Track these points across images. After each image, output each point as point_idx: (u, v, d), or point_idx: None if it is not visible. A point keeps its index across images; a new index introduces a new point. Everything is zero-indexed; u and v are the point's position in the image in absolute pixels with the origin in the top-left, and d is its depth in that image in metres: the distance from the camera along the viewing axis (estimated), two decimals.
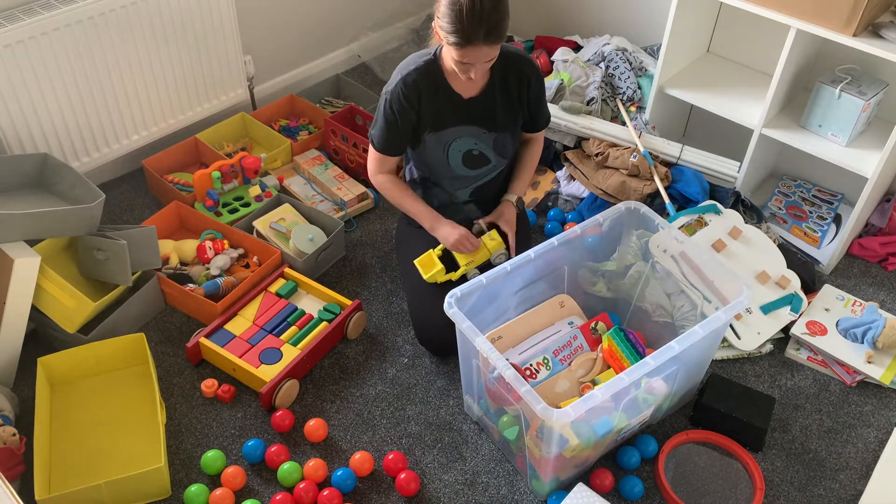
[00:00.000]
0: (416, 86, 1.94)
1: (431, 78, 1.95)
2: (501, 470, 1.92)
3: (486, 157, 2.06)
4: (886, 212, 2.56)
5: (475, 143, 2.03)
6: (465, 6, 1.71)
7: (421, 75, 1.94)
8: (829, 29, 2.14)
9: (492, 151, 2.05)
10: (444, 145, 2.03)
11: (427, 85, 1.95)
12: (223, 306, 2.16)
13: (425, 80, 1.94)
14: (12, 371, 2.01)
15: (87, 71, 2.32)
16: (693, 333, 1.73)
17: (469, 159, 2.05)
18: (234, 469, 1.84)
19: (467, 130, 2.01)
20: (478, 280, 1.84)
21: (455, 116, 1.99)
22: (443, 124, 2.00)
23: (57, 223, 2.01)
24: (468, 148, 2.03)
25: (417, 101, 1.95)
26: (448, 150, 2.03)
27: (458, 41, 1.75)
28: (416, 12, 3.44)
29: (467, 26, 1.72)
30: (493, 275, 1.86)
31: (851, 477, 1.94)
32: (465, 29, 1.73)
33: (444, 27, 1.77)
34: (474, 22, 1.72)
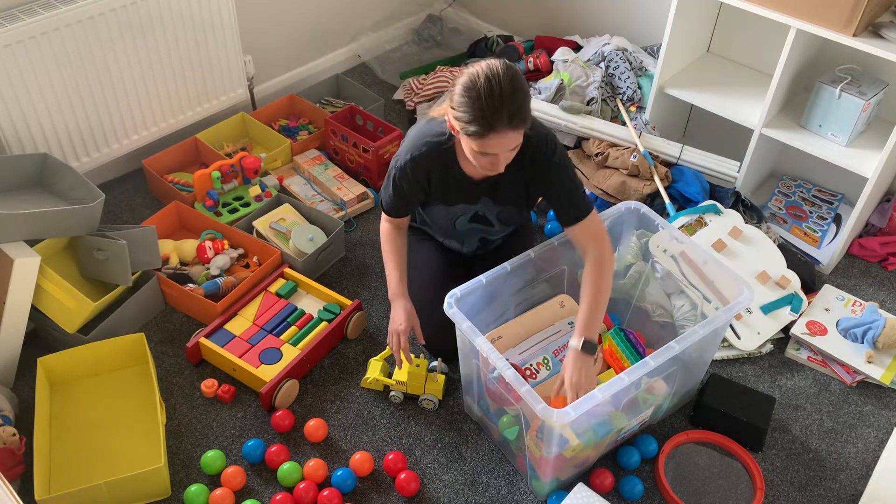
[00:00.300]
0: (425, 166, 1.85)
1: (442, 159, 1.85)
2: (501, 470, 1.92)
3: (490, 221, 2.01)
4: (886, 212, 2.56)
5: (480, 207, 1.97)
6: (483, 90, 1.59)
7: (431, 155, 1.84)
8: (829, 29, 2.14)
9: (495, 219, 1.99)
10: (452, 217, 1.99)
11: (437, 166, 1.86)
12: (223, 306, 2.16)
13: (435, 160, 1.85)
14: (12, 371, 2.01)
15: (87, 71, 2.32)
16: (693, 333, 1.74)
17: (476, 218, 2.00)
18: (234, 469, 1.84)
19: (475, 206, 1.96)
20: (477, 280, 1.84)
21: (463, 196, 1.93)
22: (451, 201, 1.95)
23: (57, 223, 2.01)
24: (474, 211, 1.98)
25: (426, 180, 1.88)
26: (455, 220, 2.00)
27: (480, 130, 1.61)
28: (416, 12, 3.44)
29: (488, 112, 1.59)
30: (493, 275, 1.86)
31: (851, 477, 1.94)
32: (486, 116, 1.59)
33: (461, 117, 1.63)
34: (495, 106, 1.59)
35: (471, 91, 1.61)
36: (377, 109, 2.90)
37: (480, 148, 1.66)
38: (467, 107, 1.61)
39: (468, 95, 1.61)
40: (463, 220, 2.01)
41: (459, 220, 2.01)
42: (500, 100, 1.59)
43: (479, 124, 1.61)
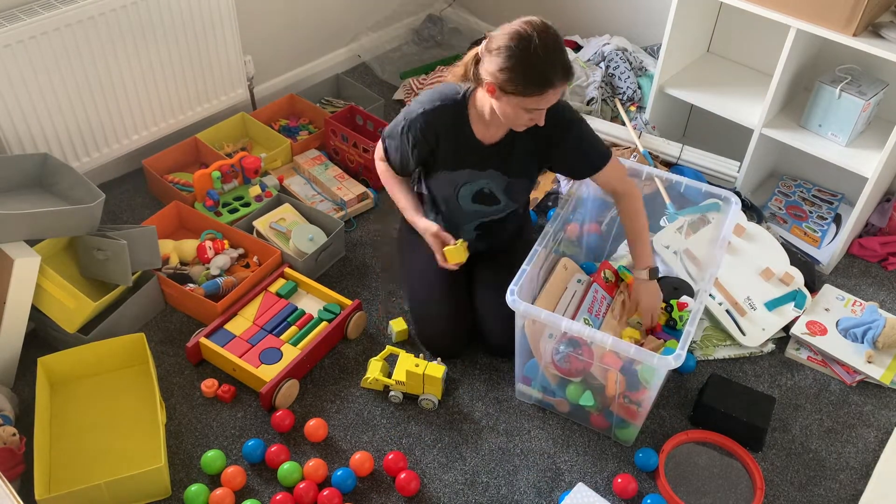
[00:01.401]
0: (436, 123, 1.87)
1: (455, 119, 1.87)
2: (501, 470, 1.92)
3: (496, 198, 1.99)
4: (886, 212, 2.56)
5: (487, 182, 1.96)
6: (538, 49, 1.61)
7: (445, 114, 1.86)
8: (829, 29, 2.14)
9: (503, 194, 1.98)
10: (456, 185, 1.97)
11: (448, 125, 1.87)
12: (223, 306, 2.16)
13: (447, 120, 1.87)
14: (12, 371, 2.01)
15: (87, 71, 2.32)
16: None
17: (480, 197, 1.99)
18: (234, 469, 1.84)
19: (486, 174, 1.94)
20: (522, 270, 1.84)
21: (472, 160, 1.92)
22: (458, 165, 1.93)
23: (57, 223, 2.01)
24: (479, 188, 1.98)
25: (435, 138, 1.89)
26: (459, 190, 1.98)
27: (538, 87, 1.64)
28: (416, 12, 3.44)
29: (548, 68, 1.63)
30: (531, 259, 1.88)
31: (851, 477, 1.94)
32: (545, 72, 1.63)
33: (514, 79, 1.64)
34: (553, 61, 1.63)
35: (525, 50, 1.62)
36: (377, 109, 2.90)
37: (535, 104, 1.69)
38: (523, 66, 1.63)
39: (522, 56, 1.62)
40: (466, 196, 1.98)
41: (462, 194, 1.98)
42: (556, 55, 1.64)
43: (539, 80, 1.64)
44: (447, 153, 1.91)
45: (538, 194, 2.65)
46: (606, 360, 1.81)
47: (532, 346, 1.90)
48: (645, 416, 1.92)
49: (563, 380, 1.93)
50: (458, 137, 1.89)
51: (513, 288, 1.79)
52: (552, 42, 1.64)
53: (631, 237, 2.00)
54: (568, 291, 2.08)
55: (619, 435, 1.97)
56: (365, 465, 1.87)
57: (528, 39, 1.62)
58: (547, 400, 2.02)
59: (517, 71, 1.64)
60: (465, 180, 1.96)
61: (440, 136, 1.89)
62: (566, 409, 2.01)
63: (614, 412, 1.91)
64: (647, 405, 1.88)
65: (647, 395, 1.85)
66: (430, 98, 1.88)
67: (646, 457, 1.91)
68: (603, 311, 2.08)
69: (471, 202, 2.00)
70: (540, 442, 1.98)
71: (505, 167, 1.93)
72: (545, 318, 1.76)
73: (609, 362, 1.81)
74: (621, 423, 1.94)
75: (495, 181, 1.95)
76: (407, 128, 1.89)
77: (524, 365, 1.98)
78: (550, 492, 1.88)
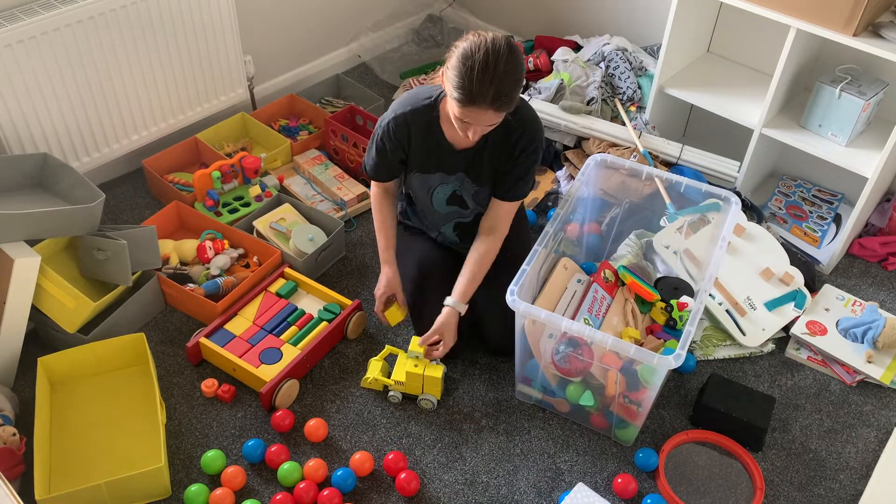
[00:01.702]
0: (406, 125, 1.90)
1: (425, 121, 1.90)
2: (501, 470, 1.92)
3: (466, 203, 2.04)
4: (886, 212, 2.56)
5: (459, 186, 2.00)
6: (479, 65, 1.61)
7: (415, 116, 1.89)
8: (829, 29, 2.14)
9: (471, 200, 2.03)
10: (429, 188, 2.02)
11: (419, 127, 1.90)
12: (223, 306, 2.16)
13: (418, 122, 1.90)
14: (12, 371, 2.01)
15: (87, 71, 2.32)
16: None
17: (453, 199, 2.04)
18: (234, 469, 1.84)
19: (457, 178, 1.98)
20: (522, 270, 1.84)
21: (442, 164, 1.96)
22: (429, 168, 1.97)
23: (57, 223, 2.01)
24: (453, 190, 2.01)
25: (407, 140, 1.92)
26: (432, 193, 2.03)
27: (462, 98, 1.65)
28: (416, 12, 3.44)
29: (475, 86, 1.63)
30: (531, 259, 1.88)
31: (851, 477, 1.94)
32: (472, 88, 1.63)
33: (451, 80, 1.67)
34: (484, 83, 1.62)
35: (467, 60, 1.63)
36: (377, 109, 2.90)
37: (460, 115, 1.71)
38: (459, 73, 1.65)
39: (463, 63, 1.64)
40: (440, 199, 2.03)
41: (437, 197, 2.02)
42: (491, 79, 1.63)
43: (464, 94, 1.65)
44: (419, 155, 1.95)
45: (538, 194, 2.65)
46: (606, 360, 1.82)
47: (532, 346, 1.90)
48: (645, 416, 1.92)
49: (563, 380, 1.93)
50: (429, 140, 1.92)
51: (513, 288, 1.79)
52: (494, 63, 1.62)
53: (469, 272, 1.97)
54: (568, 291, 2.08)
55: (619, 435, 1.97)
56: (365, 465, 1.87)
57: (473, 52, 1.63)
58: (547, 400, 2.03)
59: (453, 77, 1.66)
60: (438, 182, 2.00)
61: (412, 138, 1.92)
62: (566, 409, 2.01)
63: (614, 412, 1.91)
64: (648, 405, 1.88)
65: (647, 394, 1.85)
66: (402, 102, 1.92)
67: (646, 457, 1.91)
68: (603, 311, 2.08)
69: (445, 205, 2.05)
70: (540, 442, 1.98)
71: (473, 174, 1.96)
72: (545, 318, 1.77)
73: (609, 362, 1.82)
74: (621, 423, 1.94)
75: (465, 187, 1.99)
76: (382, 134, 1.94)
77: (524, 365, 1.98)
78: (550, 492, 1.88)
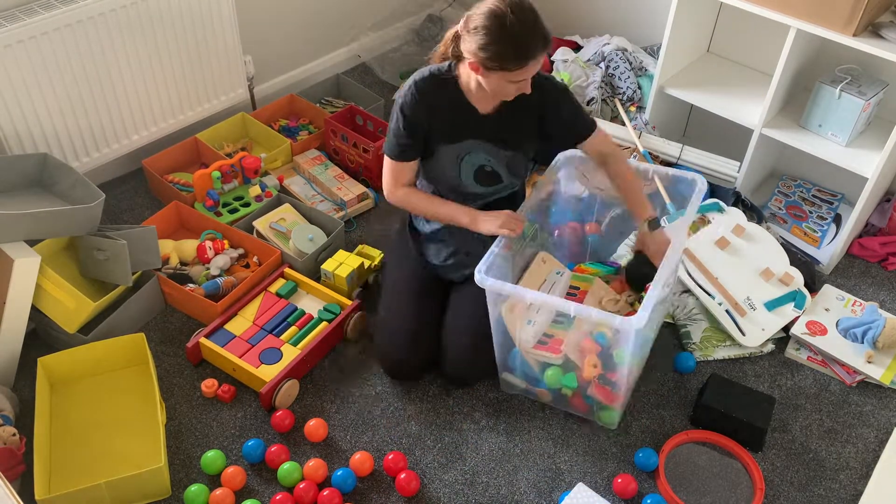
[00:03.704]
0: (428, 94, 1.89)
1: (445, 89, 1.89)
2: (501, 470, 1.92)
3: (499, 175, 2.00)
4: (886, 212, 2.56)
5: (488, 159, 1.96)
6: (514, 23, 1.66)
7: (435, 85, 1.89)
8: (829, 29, 2.14)
9: (504, 169, 1.99)
10: (458, 158, 1.96)
11: (440, 95, 1.89)
12: (223, 306, 2.16)
13: (439, 90, 1.89)
14: (12, 371, 2.01)
15: (87, 71, 2.32)
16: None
17: (481, 175, 1.99)
18: (234, 469, 1.84)
19: (481, 146, 1.95)
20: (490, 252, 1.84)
21: (469, 130, 1.93)
22: (457, 136, 1.94)
23: (57, 223, 2.01)
24: (481, 163, 1.97)
25: (429, 109, 1.90)
26: (461, 164, 1.97)
27: (519, 60, 1.69)
28: (416, 12, 3.44)
29: (525, 41, 1.68)
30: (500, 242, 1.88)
31: (851, 477, 1.94)
32: (522, 47, 1.68)
33: (494, 55, 1.69)
34: (529, 35, 1.68)
35: (502, 28, 1.66)
36: (377, 109, 2.90)
37: (518, 77, 1.73)
38: (499, 41, 1.67)
39: (500, 32, 1.67)
40: (468, 171, 1.97)
41: (465, 169, 1.97)
42: (533, 27, 1.69)
43: (518, 55, 1.68)
44: (443, 124, 1.93)
45: None
46: (585, 344, 1.83)
47: (512, 333, 1.90)
48: (623, 400, 1.94)
49: (544, 364, 1.93)
50: (452, 107, 1.92)
51: (481, 267, 1.79)
52: (527, 15, 1.68)
53: (626, 194, 2.03)
54: (546, 284, 2.08)
55: (602, 417, 1.98)
56: (365, 465, 1.87)
57: (503, 17, 1.67)
58: (531, 389, 2.03)
59: (497, 48, 1.68)
60: (466, 151, 1.96)
61: (434, 106, 1.91)
62: (549, 398, 2.03)
63: (592, 396, 1.92)
64: (623, 386, 1.88)
65: (621, 372, 1.85)
66: (418, 73, 1.92)
67: (646, 457, 1.91)
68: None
69: (473, 181, 2.00)
70: (540, 442, 1.98)
71: (504, 140, 1.96)
72: (510, 291, 1.77)
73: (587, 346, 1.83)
74: (601, 406, 1.95)
75: (496, 157, 1.97)
76: (401, 105, 1.92)
77: (505, 356, 1.99)
78: (550, 492, 1.88)
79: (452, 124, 1.93)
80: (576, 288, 2.15)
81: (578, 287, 2.15)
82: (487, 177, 2.00)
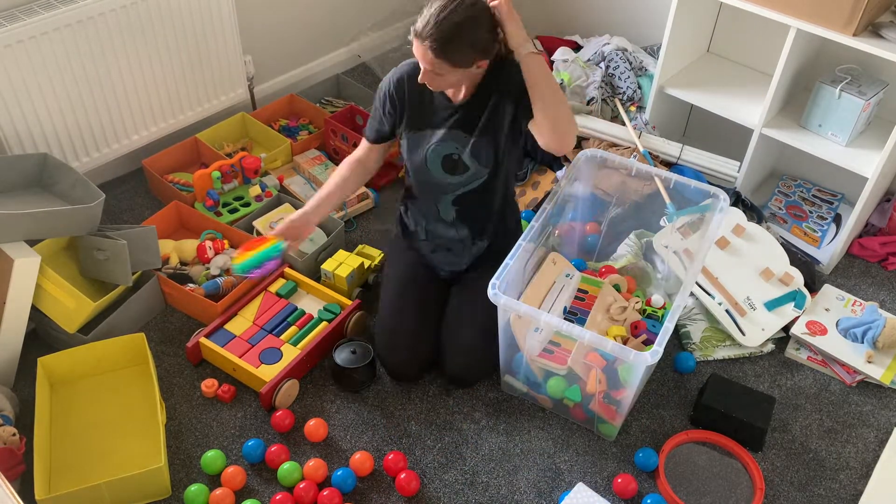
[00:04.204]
0: (405, 80, 1.94)
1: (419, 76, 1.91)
2: (501, 470, 1.92)
3: (465, 164, 1.97)
4: (886, 212, 2.56)
5: (455, 146, 1.95)
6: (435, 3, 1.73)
7: (414, 70, 1.91)
8: (829, 29, 2.14)
9: (470, 157, 1.95)
10: (425, 148, 1.97)
11: (414, 81, 1.90)
12: (223, 306, 2.16)
13: (413, 76, 1.91)
14: (12, 371, 2.01)
15: (87, 71, 2.32)
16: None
17: (448, 164, 1.97)
18: (234, 469, 1.84)
19: (449, 134, 1.95)
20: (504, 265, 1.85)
21: (439, 118, 1.95)
22: (425, 124, 1.96)
23: (57, 223, 2.01)
24: (448, 152, 1.96)
25: (404, 93, 1.95)
26: (427, 153, 1.97)
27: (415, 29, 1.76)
28: (416, 12, 3.40)
29: (421, 18, 1.74)
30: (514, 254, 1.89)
31: (851, 477, 1.94)
32: (422, 19, 1.74)
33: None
34: (428, 17, 1.73)
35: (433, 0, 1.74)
36: None
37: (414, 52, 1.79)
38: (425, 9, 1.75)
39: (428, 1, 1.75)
40: (435, 159, 1.97)
41: (431, 157, 1.97)
42: (438, 16, 1.72)
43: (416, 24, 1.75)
44: (415, 110, 1.97)
45: (538, 194, 2.65)
46: (590, 358, 1.83)
47: (518, 339, 1.90)
48: (624, 416, 1.94)
49: (548, 373, 1.93)
50: (426, 94, 1.94)
51: (495, 282, 1.79)
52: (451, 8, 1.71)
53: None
54: (556, 287, 2.08)
55: (602, 429, 1.98)
56: (365, 465, 1.87)
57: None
58: (532, 394, 2.03)
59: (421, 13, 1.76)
60: (433, 140, 1.96)
61: (409, 92, 1.95)
62: (549, 404, 2.02)
63: (594, 410, 1.92)
64: (626, 405, 1.89)
65: (626, 394, 1.85)
66: (404, 62, 1.99)
67: (646, 457, 1.91)
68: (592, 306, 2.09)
69: (441, 169, 1.98)
70: (540, 442, 1.98)
71: (469, 126, 1.94)
72: (525, 311, 1.77)
73: (593, 360, 1.82)
74: (601, 419, 1.95)
75: (462, 144, 1.95)
76: (381, 87, 1.99)
77: (510, 360, 1.99)
78: (550, 492, 1.88)
79: (423, 110, 1.96)
80: (584, 292, 2.14)
81: (587, 291, 2.14)
82: (454, 165, 1.98)
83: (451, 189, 2.02)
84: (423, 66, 1.80)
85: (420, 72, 1.84)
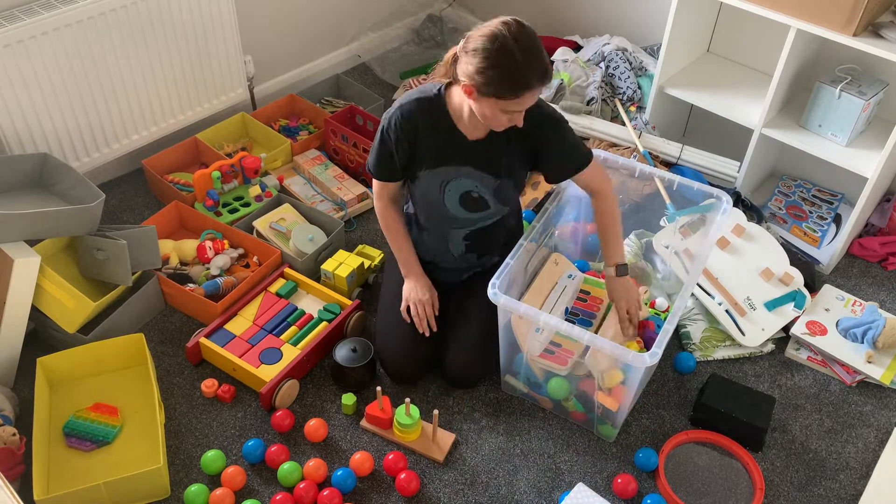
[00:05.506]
0: (413, 117, 1.84)
1: (433, 113, 1.84)
2: (501, 470, 1.92)
3: (486, 202, 1.93)
4: (886, 212, 2.56)
5: (475, 185, 1.90)
6: (516, 52, 1.60)
7: (421, 107, 1.83)
8: (829, 29, 2.14)
9: (492, 198, 1.92)
10: (441, 184, 1.91)
11: (427, 119, 1.84)
12: (223, 306, 2.16)
13: (425, 114, 1.84)
14: (12, 371, 2.01)
15: (87, 71, 2.32)
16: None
17: (467, 201, 1.93)
18: (234, 469, 1.84)
19: (468, 172, 1.89)
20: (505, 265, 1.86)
21: (456, 156, 1.87)
22: (441, 162, 1.88)
23: (57, 223, 2.01)
24: (467, 189, 1.91)
25: (414, 132, 1.85)
26: (444, 189, 1.92)
27: (516, 90, 1.62)
28: (416, 12, 3.44)
29: (524, 73, 1.61)
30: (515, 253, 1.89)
31: (851, 477, 1.94)
32: (520, 76, 1.61)
33: (490, 80, 1.62)
34: (527, 67, 1.61)
35: (502, 53, 1.60)
36: (377, 109, 2.90)
37: (513, 107, 1.67)
38: (500, 68, 1.61)
39: (499, 57, 1.60)
40: (453, 194, 1.92)
41: (449, 193, 1.92)
42: (533, 57, 1.62)
43: (514, 84, 1.62)
44: (428, 149, 1.88)
45: (538, 194, 2.65)
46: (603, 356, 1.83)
47: (519, 338, 1.90)
48: (623, 419, 1.94)
49: (549, 374, 1.93)
50: (439, 131, 1.86)
51: (494, 282, 1.79)
52: (529, 44, 1.62)
53: (603, 235, 1.98)
54: (558, 287, 2.08)
55: (601, 430, 1.98)
56: (365, 465, 1.87)
57: (504, 41, 1.60)
58: (532, 395, 2.03)
59: (494, 74, 1.62)
60: (450, 177, 1.90)
61: (419, 130, 1.85)
62: (549, 405, 2.03)
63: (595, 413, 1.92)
64: (625, 409, 1.89)
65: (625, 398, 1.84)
66: (407, 95, 1.88)
67: (646, 457, 1.91)
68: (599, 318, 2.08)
69: (458, 206, 1.94)
70: (540, 442, 1.98)
71: (493, 167, 1.89)
72: (524, 312, 1.77)
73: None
74: (601, 420, 1.95)
75: (484, 184, 1.91)
76: (386, 126, 1.87)
77: (511, 360, 1.99)
78: (550, 492, 1.88)
79: (437, 150, 1.88)
80: (586, 293, 2.14)
81: (589, 292, 2.14)
82: (474, 203, 1.94)
83: (466, 223, 2.00)
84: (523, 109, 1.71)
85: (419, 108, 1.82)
